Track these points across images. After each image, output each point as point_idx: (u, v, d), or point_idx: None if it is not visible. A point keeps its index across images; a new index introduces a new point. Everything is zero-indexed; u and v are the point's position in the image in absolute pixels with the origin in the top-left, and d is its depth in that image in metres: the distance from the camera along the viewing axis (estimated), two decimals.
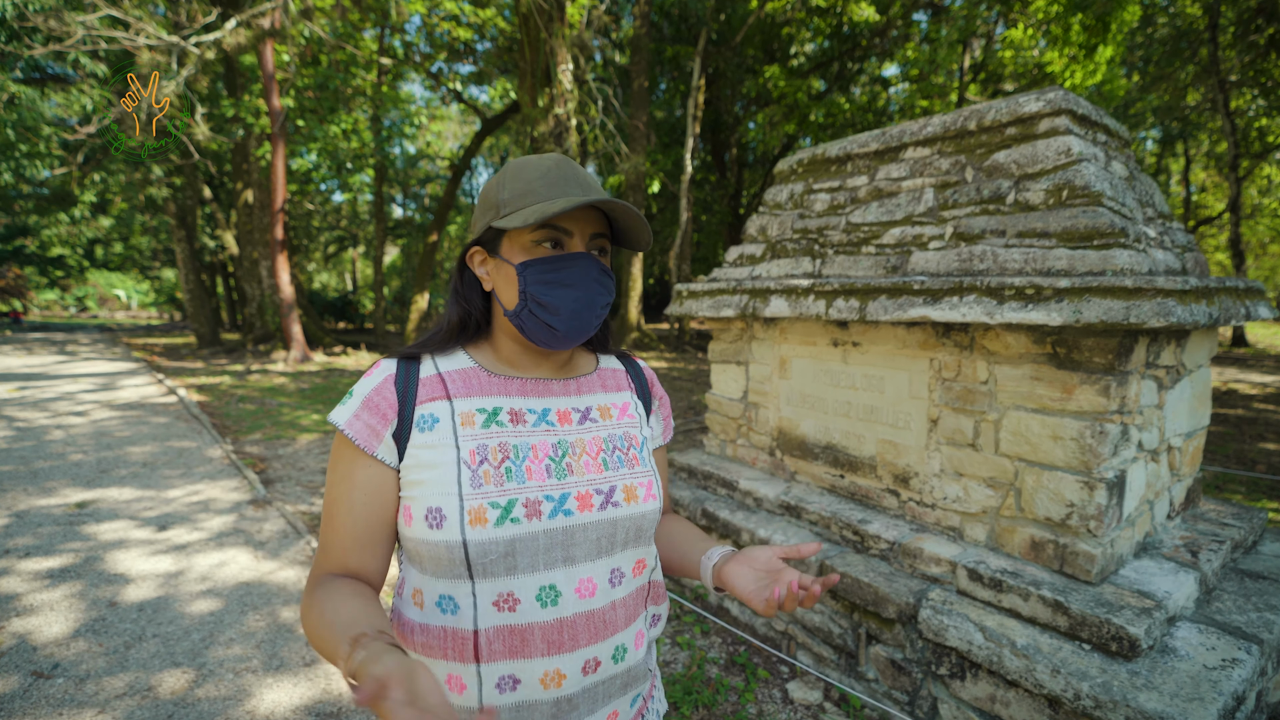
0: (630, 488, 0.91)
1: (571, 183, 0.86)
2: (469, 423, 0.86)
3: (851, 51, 15.77)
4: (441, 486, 0.82)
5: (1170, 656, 1.79)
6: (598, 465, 0.91)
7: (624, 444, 0.95)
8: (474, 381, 0.91)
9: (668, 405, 1.12)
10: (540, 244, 0.86)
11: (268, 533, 3.95)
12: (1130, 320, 1.71)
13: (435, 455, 0.84)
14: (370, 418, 0.85)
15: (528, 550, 0.82)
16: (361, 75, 14.46)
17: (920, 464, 2.48)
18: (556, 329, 0.86)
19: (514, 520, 0.81)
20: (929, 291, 2.24)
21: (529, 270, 0.86)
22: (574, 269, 0.86)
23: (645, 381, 1.08)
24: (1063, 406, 2.03)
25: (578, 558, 0.86)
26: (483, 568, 0.81)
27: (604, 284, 0.89)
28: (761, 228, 3.34)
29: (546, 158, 0.89)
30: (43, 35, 8.63)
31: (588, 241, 0.88)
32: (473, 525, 0.80)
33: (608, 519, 0.88)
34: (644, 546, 0.94)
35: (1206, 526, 2.50)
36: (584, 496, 0.87)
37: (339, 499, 0.85)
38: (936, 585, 2.26)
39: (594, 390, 0.99)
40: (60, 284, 40.94)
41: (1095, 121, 2.35)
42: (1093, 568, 1.98)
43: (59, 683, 2.40)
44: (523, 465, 0.85)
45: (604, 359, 1.07)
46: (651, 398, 1.08)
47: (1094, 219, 2.01)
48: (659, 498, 0.94)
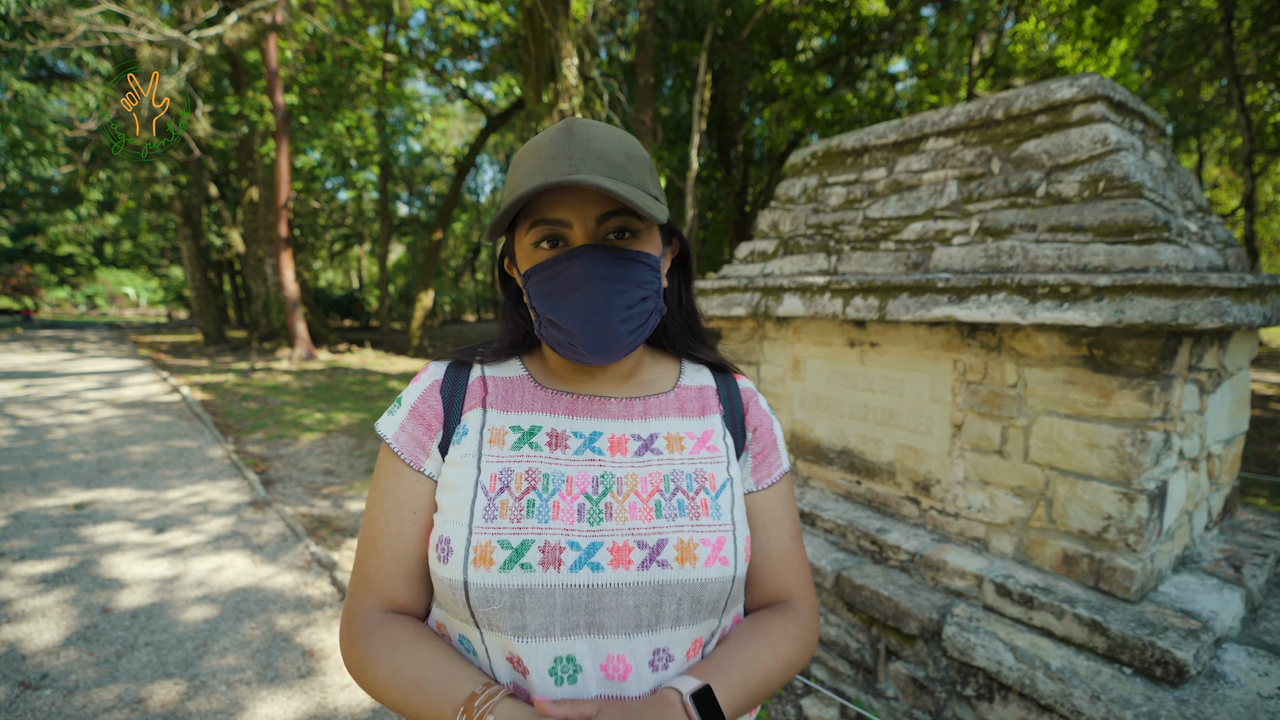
0: (687, 544, 0.70)
1: (559, 159, 0.67)
2: (498, 440, 0.74)
3: (859, 46, 15.59)
4: (455, 513, 0.70)
5: (1220, 683, 1.67)
6: (647, 510, 0.71)
7: (691, 486, 0.74)
8: (517, 392, 0.78)
9: (769, 436, 0.85)
10: (538, 245, 0.71)
11: (266, 536, 3.86)
12: (1180, 321, 1.59)
13: (456, 475, 0.72)
14: (415, 428, 0.76)
15: (540, 607, 0.66)
16: (366, 72, 14.38)
17: (943, 471, 2.36)
18: (576, 346, 0.71)
19: (525, 566, 0.66)
20: (954, 289, 2.11)
21: (531, 281, 0.72)
22: (573, 270, 0.69)
23: (739, 403, 0.85)
24: (1100, 412, 1.91)
25: (607, 627, 0.68)
26: (485, 617, 0.67)
27: (623, 276, 0.70)
28: (773, 223, 3.22)
29: (551, 129, 0.71)
30: (46, 32, 8.57)
31: (593, 228, 0.69)
32: (475, 565, 0.66)
33: (651, 582, 0.68)
34: (704, 622, 0.72)
35: (1247, 538, 2.37)
36: (620, 549, 0.69)
37: (383, 519, 0.73)
38: (961, 600, 2.14)
39: (666, 413, 0.80)
40: (70, 282, 41.17)
41: (1132, 109, 2.22)
42: (1132, 585, 1.85)
43: (46, 694, 2.32)
44: (549, 500, 0.70)
45: (690, 370, 0.87)
46: (745, 426, 0.84)
47: (1134, 212, 1.88)
48: (735, 563, 0.72)
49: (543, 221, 0.69)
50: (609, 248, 0.69)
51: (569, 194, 0.68)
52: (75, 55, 10.54)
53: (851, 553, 2.53)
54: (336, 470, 5.39)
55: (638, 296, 0.71)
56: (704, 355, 0.88)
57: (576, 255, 0.68)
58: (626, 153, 0.70)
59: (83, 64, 11.46)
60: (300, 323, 12.97)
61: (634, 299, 0.71)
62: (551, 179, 0.64)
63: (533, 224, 0.70)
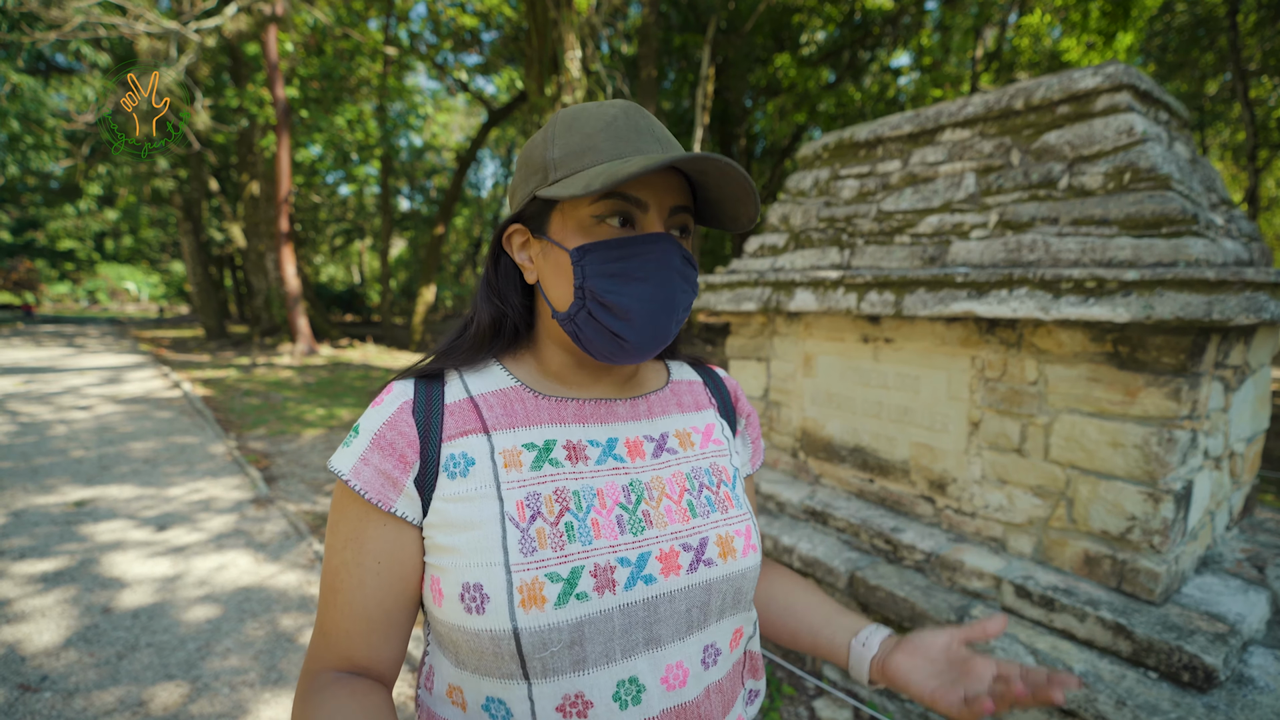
0: (725, 539, 0.69)
1: (647, 136, 0.64)
2: (514, 464, 0.65)
3: (863, 40, 15.48)
4: (481, 554, 0.60)
5: (1248, 688, 1.62)
6: (682, 511, 0.69)
7: (713, 480, 0.73)
8: (517, 405, 0.69)
9: (756, 423, 0.89)
10: (604, 220, 0.64)
11: (269, 534, 3.82)
12: (1213, 317, 1.54)
13: (471, 511, 0.62)
14: (384, 461, 0.63)
15: (600, 635, 0.61)
16: (366, 65, 14.29)
17: (959, 469, 2.32)
18: (625, 339, 0.65)
19: (580, 597, 0.60)
20: (974, 284, 2.06)
21: (589, 257, 0.63)
22: (650, 256, 0.63)
23: (728, 395, 0.86)
24: (1124, 411, 1.86)
25: (664, 638, 0.64)
26: (541, 664, 0.60)
27: (688, 277, 0.67)
28: (784, 216, 3.17)
29: (610, 105, 0.66)
30: (43, 24, 8.50)
31: (667, 217, 0.65)
32: (526, 608, 0.58)
33: (700, 583, 0.66)
34: (743, 612, 0.73)
35: (1267, 538, 2.33)
36: (668, 555, 0.65)
37: (344, 570, 0.64)
38: (979, 601, 2.10)
39: (667, 410, 0.77)
40: (71, 277, 41.14)
41: (1157, 99, 2.17)
42: (1156, 586, 1.81)
43: (46, 697, 2.28)
44: (587, 519, 0.64)
45: (675, 368, 0.85)
46: (737, 415, 0.85)
47: (1163, 204, 1.83)
48: (759, 548, 0.73)
49: (620, 196, 0.63)
50: (679, 243, 0.66)
51: (659, 175, 0.64)
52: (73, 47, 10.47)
53: (865, 552, 2.48)
54: None
55: (690, 300, 0.68)
56: (682, 354, 0.88)
57: (656, 241, 0.64)
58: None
59: (81, 56, 11.39)
60: (302, 318, 12.92)
61: (688, 302, 0.68)
62: (674, 155, 0.57)
63: (603, 196, 0.63)
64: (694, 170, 0.62)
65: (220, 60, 13.93)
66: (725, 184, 0.63)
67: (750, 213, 0.66)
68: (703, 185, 0.67)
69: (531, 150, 0.68)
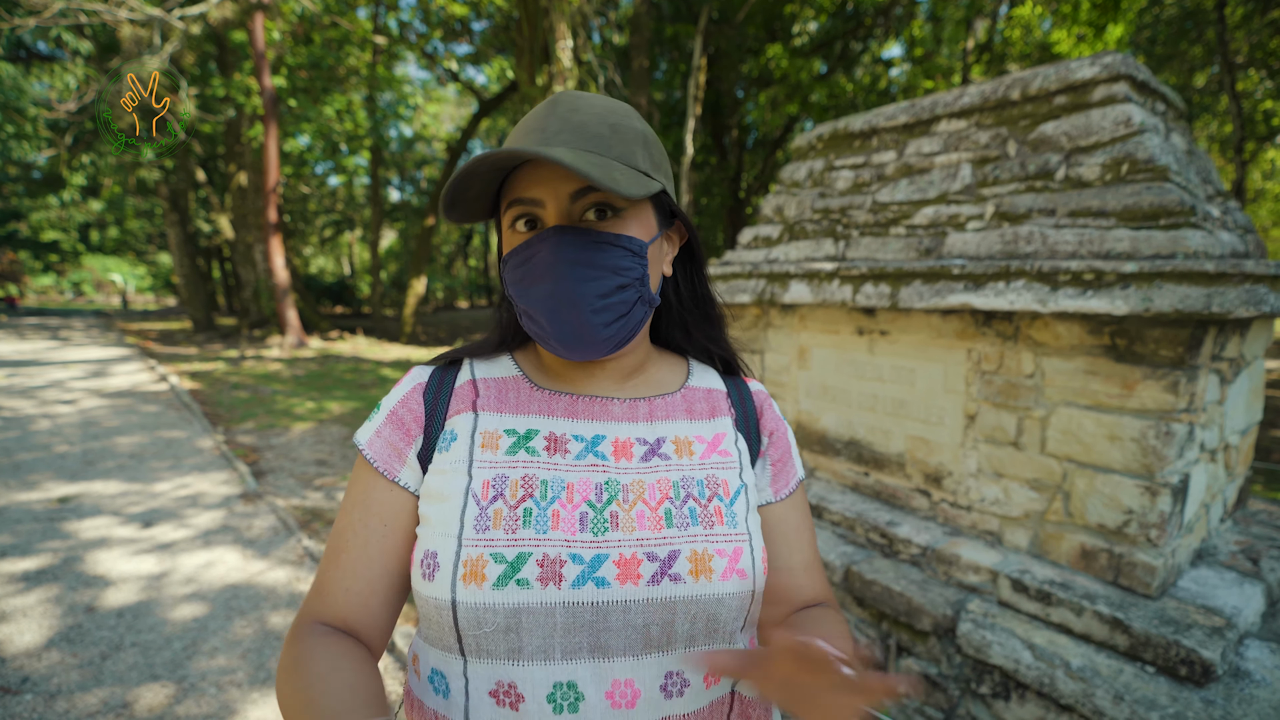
0: (701, 556, 0.63)
1: (534, 132, 0.63)
2: (491, 445, 0.67)
3: (855, 31, 15.41)
4: (443, 524, 0.62)
5: (1245, 682, 1.62)
6: (656, 519, 0.65)
7: (703, 493, 0.68)
8: (511, 393, 0.71)
9: (785, 442, 0.79)
10: (513, 226, 0.65)
11: (258, 529, 3.78)
12: (1213, 309, 1.52)
13: (445, 483, 0.65)
14: (393, 434, 0.69)
15: (538, 628, 0.59)
16: (355, 54, 14.10)
17: (955, 463, 2.30)
18: (551, 339, 0.65)
19: (521, 583, 0.59)
20: (970, 276, 2.04)
21: (506, 267, 0.66)
22: (541, 253, 0.62)
23: (753, 408, 0.79)
24: (1122, 404, 1.84)
25: (613, 649, 0.61)
26: (475, 642, 0.59)
27: (591, 262, 0.62)
28: (778, 207, 3.13)
29: (547, 100, 0.66)
30: (23, 10, 8.31)
31: (567, 207, 0.62)
32: (465, 582, 0.59)
33: (661, 599, 0.61)
34: (723, 646, 0.66)
35: (1261, 530, 2.33)
36: (627, 562, 0.62)
37: (350, 530, 0.67)
38: (975, 595, 2.09)
39: (673, 415, 0.74)
40: (55, 269, 40.57)
41: (1154, 89, 2.15)
42: (1153, 580, 1.80)
43: (27, 699, 2.23)
44: (548, 509, 0.63)
45: (699, 372, 0.80)
46: (760, 433, 0.78)
47: (1161, 196, 1.81)
48: (753, 577, 0.65)
49: (516, 201, 0.64)
50: (580, 229, 0.62)
51: (542, 170, 0.62)
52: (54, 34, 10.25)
53: (860, 546, 2.47)
54: (329, 461, 5.30)
55: (613, 284, 0.63)
56: (720, 349, 0.81)
57: (545, 238, 0.62)
58: (613, 124, 0.64)
59: (62, 43, 11.16)
60: (291, 310, 12.79)
61: (608, 287, 0.63)
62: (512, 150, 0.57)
63: (509, 203, 0.65)
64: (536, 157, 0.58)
65: (206, 48, 13.69)
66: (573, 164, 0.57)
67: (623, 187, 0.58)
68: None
69: None
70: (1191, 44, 14.72)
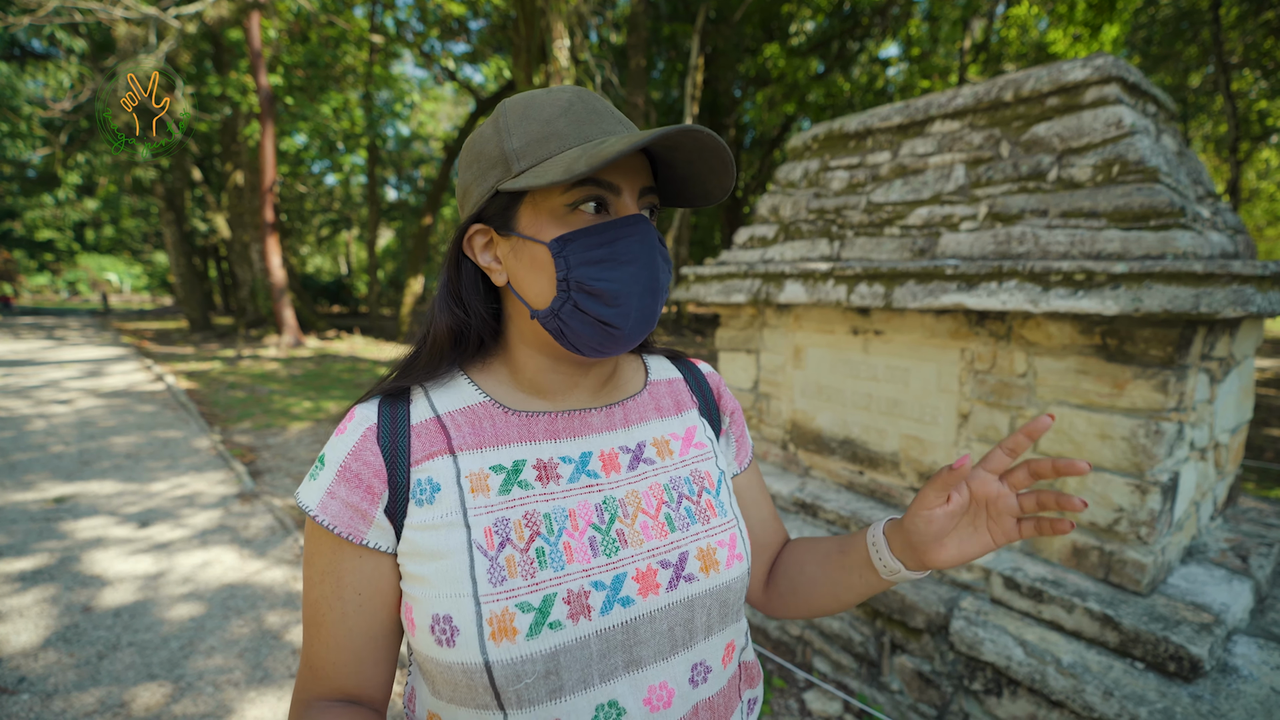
0: (707, 551, 0.67)
1: (608, 118, 0.62)
2: (481, 488, 0.62)
3: (852, 30, 15.44)
4: (450, 585, 0.58)
5: (1233, 677, 1.64)
6: (660, 527, 0.66)
7: (693, 489, 0.71)
8: (486, 424, 0.66)
9: (741, 418, 0.85)
10: (577, 208, 0.61)
11: (255, 529, 3.78)
12: (1201, 310, 1.54)
13: (438, 540, 0.60)
14: (350, 493, 0.61)
15: (576, 663, 0.59)
16: (352, 52, 14.07)
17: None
18: (616, 327, 0.62)
19: (554, 626, 0.58)
20: (963, 276, 2.05)
21: (571, 246, 0.60)
22: (633, 238, 0.61)
23: (710, 391, 0.82)
24: (1112, 403, 1.86)
25: (645, 659, 0.63)
26: (515, 695, 0.58)
27: (666, 257, 0.65)
28: (773, 207, 3.15)
29: (561, 90, 0.63)
30: (17, 7, 8.28)
31: (638, 198, 0.63)
32: (496, 640, 0.56)
33: (681, 600, 0.64)
34: (732, 624, 0.71)
35: (1251, 527, 2.35)
36: (646, 575, 0.63)
37: (325, 604, 0.62)
38: (968, 593, 2.10)
39: (645, 416, 0.74)
40: (50, 268, 40.44)
41: (1145, 91, 2.16)
42: (1143, 577, 1.82)
43: (24, 699, 2.24)
44: (559, 542, 0.62)
45: (654, 365, 0.81)
46: (720, 412, 0.82)
47: (1151, 197, 1.82)
48: (747, 555, 0.70)
49: (593, 181, 0.60)
50: (652, 224, 0.64)
51: (624, 157, 0.61)
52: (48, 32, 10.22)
53: None
54: None
55: (669, 281, 0.66)
56: (657, 350, 0.84)
57: (636, 223, 0.62)
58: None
59: (56, 42, 11.12)
60: (288, 309, 12.77)
61: (668, 283, 0.66)
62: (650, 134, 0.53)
63: (574, 184, 0.60)
64: (668, 147, 0.60)
65: (202, 47, 13.66)
66: (699, 159, 0.61)
67: (725, 184, 0.64)
68: (669, 163, 0.65)
69: (483, 144, 0.64)
70: (1187, 44, 14.77)
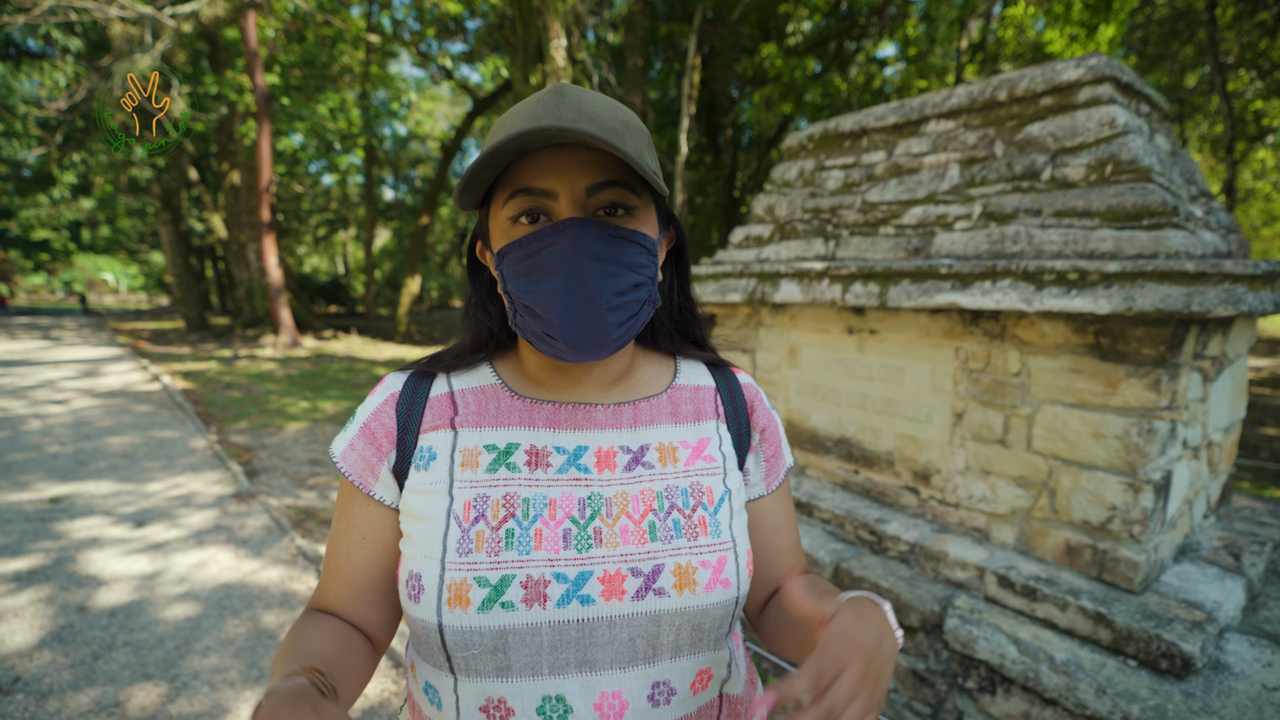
0: (685, 568, 0.63)
1: (546, 117, 0.56)
2: (471, 464, 0.65)
3: (849, 30, 15.46)
4: (426, 546, 0.62)
5: (1224, 675, 1.65)
6: (640, 533, 0.64)
7: (687, 502, 0.67)
8: (491, 405, 0.69)
9: (776, 436, 0.79)
10: (515, 220, 0.60)
11: (251, 529, 3.78)
12: (1192, 309, 1.54)
13: (426, 504, 0.64)
14: (365, 448, 0.68)
15: (525, 647, 0.60)
16: (349, 52, 14.05)
17: (943, 460, 2.33)
18: (554, 339, 0.60)
19: (505, 605, 0.59)
20: (958, 275, 2.06)
21: (506, 260, 0.61)
22: (555, 247, 0.58)
23: (743, 404, 0.77)
24: (1105, 402, 1.87)
25: (599, 663, 0.62)
26: (463, 662, 0.61)
27: (611, 257, 0.59)
28: (769, 207, 3.15)
29: (539, 92, 0.61)
30: (12, 7, 8.25)
31: (582, 200, 0.59)
32: (450, 606, 0.59)
33: (647, 613, 0.62)
34: (707, 653, 0.67)
35: (1244, 525, 2.36)
36: (612, 578, 0.62)
37: (335, 540, 0.71)
38: (962, 591, 2.11)
39: (658, 420, 0.71)
40: (46, 268, 40.30)
41: (1138, 91, 2.17)
42: (1136, 576, 1.83)
43: (19, 699, 2.23)
44: (530, 528, 0.62)
45: (686, 368, 0.78)
46: (751, 429, 0.77)
47: (1143, 196, 1.83)
48: (738, 583, 0.66)
49: (524, 191, 0.58)
50: (599, 222, 0.59)
51: (555, 160, 0.58)
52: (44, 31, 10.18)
53: (850, 543, 2.49)
54: (323, 460, 5.29)
55: (630, 282, 0.61)
56: (697, 355, 0.79)
57: (562, 229, 0.58)
58: (623, 120, 0.61)
59: (52, 41, 11.09)
60: (284, 309, 12.75)
61: (626, 284, 0.60)
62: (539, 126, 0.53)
63: (511, 194, 0.59)
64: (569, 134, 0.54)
65: (198, 46, 13.62)
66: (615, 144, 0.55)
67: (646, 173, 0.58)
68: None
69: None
70: (1183, 44, 14.82)
